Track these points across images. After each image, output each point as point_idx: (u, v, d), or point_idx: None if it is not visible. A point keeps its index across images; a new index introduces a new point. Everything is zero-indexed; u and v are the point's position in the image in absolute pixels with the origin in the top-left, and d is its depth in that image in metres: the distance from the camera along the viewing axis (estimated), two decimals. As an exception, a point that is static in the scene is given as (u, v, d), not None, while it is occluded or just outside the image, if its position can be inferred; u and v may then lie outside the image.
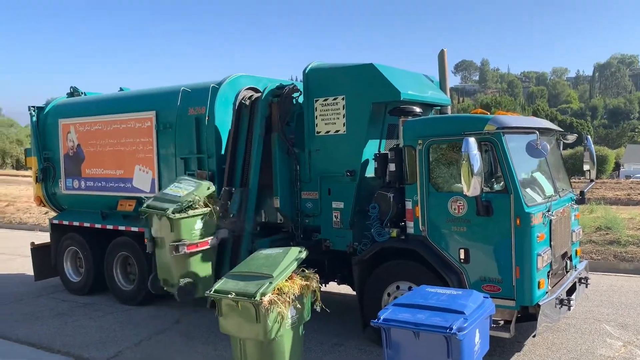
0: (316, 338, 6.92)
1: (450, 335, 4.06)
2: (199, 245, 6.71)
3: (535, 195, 5.94)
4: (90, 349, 6.86)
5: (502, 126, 5.70)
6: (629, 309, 7.87)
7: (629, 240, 11.23)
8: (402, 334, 4.34)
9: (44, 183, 9.83)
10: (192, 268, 6.73)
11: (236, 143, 7.47)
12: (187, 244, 6.59)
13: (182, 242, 6.56)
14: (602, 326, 7.11)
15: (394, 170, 6.36)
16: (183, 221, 6.59)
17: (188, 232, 6.63)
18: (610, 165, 59.16)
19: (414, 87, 6.90)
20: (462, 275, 5.87)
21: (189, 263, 6.72)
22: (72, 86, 10.24)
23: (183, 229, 6.60)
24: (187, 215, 6.63)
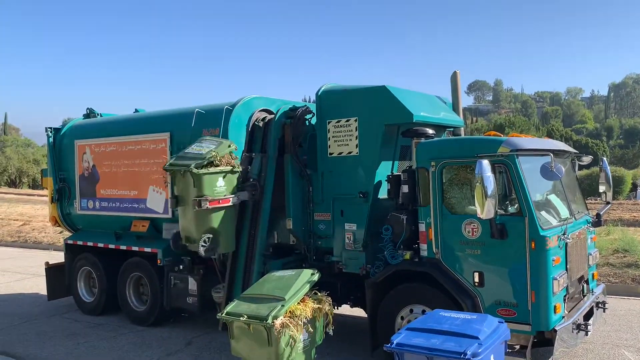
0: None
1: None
2: (221, 201, 6.75)
3: (551, 218, 5.87)
4: None
5: (516, 148, 5.67)
6: None
7: (647, 263, 11.02)
8: (416, 359, 4.27)
9: (60, 203, 9.92)
10: (213, 224, 6.77)
11: (249, 164, 7.49)
12: (210, 199, 6.62)
13: (204, 197, 6.59)
14: (621, 352, 6.95)
15: (407, 192, 6.33)
16: (206, 177, 6.65)
17: (210, 189, 6.68)
18: (627, 186, 58.39)
19: (427, 109, 6.90)
20: (477, 299, 5.79)
21: (211, 219, 6.75)
22: (88, 107, 10.40)
23: (206, 184, 6.65)
24: (209, 171, 6.69)
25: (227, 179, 6.92)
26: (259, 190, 7.28)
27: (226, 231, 7.00)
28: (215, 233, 6.83)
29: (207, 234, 6.75)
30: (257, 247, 7.27)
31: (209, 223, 6.78)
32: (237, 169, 7.06)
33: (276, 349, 4.93)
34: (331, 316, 5.54)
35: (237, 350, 5.28)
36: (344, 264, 6.97)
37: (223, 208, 6.85)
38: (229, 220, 7.02)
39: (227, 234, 7.01)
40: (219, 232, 6.87)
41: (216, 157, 6.81)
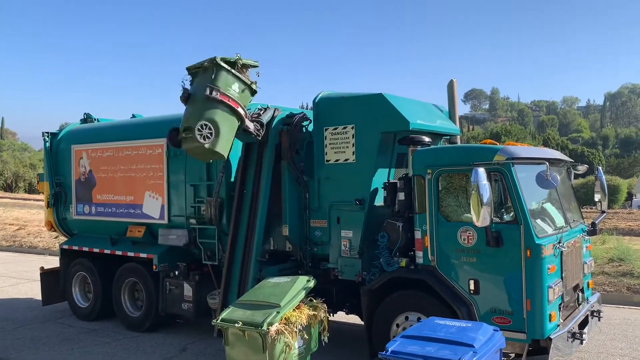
0: None
1: None
2: (230, 101, 6.57)
3: (546, 226, 5.89)
4: None
5: (512, 156, 5.70)
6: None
7: (643, 273, 11.04)
8: None
9: (55, 208, 9.90)
10: (217, 117, 6.51)
11: (246, 170, 7.50)
12: (222, 91, 6.50)
13: (217, 87, 6.50)
14: (616, 361, 6.96)
15: (403, 199, 6.34)
16: (224, 72, 6.58)
17: (225, 86, 6.56)
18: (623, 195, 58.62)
19: (423, 117, 6.93)
20: (472, 307, 5.79)
21: (216, 112, 6.50)
22: (85, 112, 10.40)
23: (222, 80, 6.54)
24: (230, 70, 6.63)
25: (242, 93, 6.79)
26: (264, 133, 7.18)
27: (226, 132, 6.65)
28: (215, 126, 6.54)
29: (206, 121, 6.50)
30: (252, 253, 7.26)
31: (212, 115, 6.53)
32: (254, 87, 6.93)
33: (271, 356, 4.93)
34: (326, 323, 5.54)
35: (231, 356, 5.26)
36: (339, 271, 6.97)
37: (230, 108, 6.62)
38: (231, 124, 6.72)
39: (226, 135, 6.66)
40: (219, 127, 6.55)
41: (239, 62, 6.75)
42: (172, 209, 8.35)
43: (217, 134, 6.53)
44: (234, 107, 6.63)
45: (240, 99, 6.75)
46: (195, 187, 8.05)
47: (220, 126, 6.56)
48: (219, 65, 6.58)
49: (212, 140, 6.51)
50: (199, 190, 8.04)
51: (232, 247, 7.42)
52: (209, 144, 6.50)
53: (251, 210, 7.40)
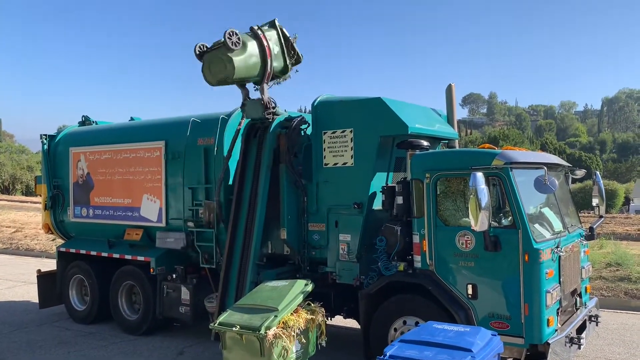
0: None
1: None
2: None
3: (544, 231, 5.89)
4: None
5: (510, 161, 5.70)
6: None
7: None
8: None
9: (53, 210, 9.88)
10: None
11: (244, 174, 7.49)
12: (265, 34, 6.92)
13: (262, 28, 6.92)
14: (614, 366, 6.96)
15: (402, 203, 6.34)
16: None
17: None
18: (620, 200, 58.82)
19: (422, 121, 6.94)
20: (470, 311, 5.79)
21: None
22: (83, 115, 10.40)
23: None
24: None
25: (276, 57, 7.24)
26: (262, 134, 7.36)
27: (247, 60, 7.00)
28: (244, 45, 6.93)
29: (238, 34, 6.82)
30: (250, 257, 7.25)
31: (246, 40, 6.91)
32: (289, 64, 7.42)
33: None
34: (324, 327, 5.53)
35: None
36: (337, 275, 6.95)
37: (262, 49, 7.04)
38: (254, 62, 7.08)
39: (246, 61, 7.00)
40: (246, 49, 6.94)
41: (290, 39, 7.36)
42: (170, 212, 8.33)
43: (241, 52, 6.63)
44: (266, 54, 6.77)
45: (274, 57, 6.92)
46: (193, 190, 8.04)
47: (248, 49, 6.72)
48: (273, 23, 6.96)
49: (235, 52, 6.65)
50: (197, 193, 8.02)
51: (229, 250, 7.40)
52: (230, 52, 6.64)
53: (249, 214, 7.39)
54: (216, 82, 7.18)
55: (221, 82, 7.16)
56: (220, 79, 7.09)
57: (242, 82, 7.30)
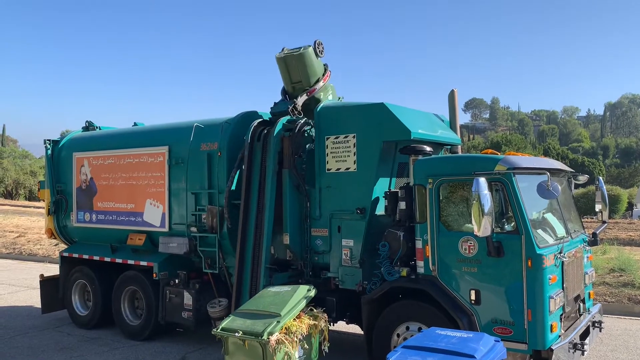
0: None
1: None
2: None
3: (547, 237, 5.88)
4: None
5: (513, 166, 5.70)
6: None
7: (644, 283, 11.01)
8: None
9: (56, 215, 9.91)
10: None
11: (250, 178, 7.49)
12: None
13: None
14: (618, 372, 6.92)
15: (404, 208, 6.34)
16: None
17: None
18: (623, 205, 58.51)
19: (425, 126, 6.95)
20: (473, 317, 5.77)
21: None
22: (87, 120, 10.42)
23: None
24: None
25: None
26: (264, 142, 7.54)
27: (316, 63, 7.80)
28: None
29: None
30: (262, 261, 7.26)
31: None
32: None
33: None
34: (327, 333, 5.52)
35: None
36: (340, 280, 6.95)
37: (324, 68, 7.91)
38: (319, 67, 7.83)
39: (314, 65, 7.73)
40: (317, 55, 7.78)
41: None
42: (172, 217, 8.35)
43: (320, 63, 7.68)
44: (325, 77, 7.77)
45: (325, 86, 7.74)
46: (196, 195, 8.05)
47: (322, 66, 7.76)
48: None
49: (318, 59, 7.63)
50: (200, 199, 8.04)
51: (241, 255, 7.41)
52: (316, 57, 7.62)
53: (258, 219, 7.38)
54: (294, 80, 7.67)
55: (296, 83, 7.65)
56: (297, 79, 7.64)
57: (305, 88, 7.68)
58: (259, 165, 7.45)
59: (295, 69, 7.52)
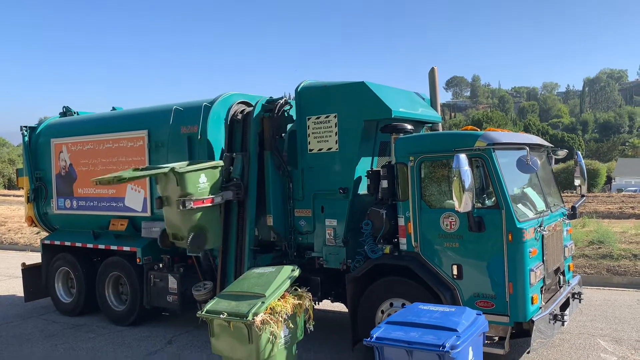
0: (310, 357, 6.86)
1: (444, 353, 4.05)
2: (205, 201, 6.73)
3: (527, 211, 5.96)
4: None
5: (493, 142, 5.74)
6: (622, 323, 7.87)
7: (622, 254, 11.27)
8: (395, 353, 4.32)
9: (36, 203, 9.77)
10: (200, 222, 6.78)
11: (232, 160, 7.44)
12: (194, 199, 6.61)
13: (188, 197, 6.57)
14: (597, 341, 7.10)
15: (387, 187, 6.37)
16: (188, 175, 6.59)
17: (194, 186, 6.65)
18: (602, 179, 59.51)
19: (405, 105, 6.95)
20: (456, 292, 5.86)
21: (197, 217, 6.76)
22: (64, 106, 10.24)
23: (188, 182, 6.62)
24: (191, 168, 6.65)
25: (209, 175, 6.91)
26: (243, 189, 7.27)
27: (213, 228, 7.06)
28: (202, 230, 6.84)
29: (193, 231, 6.74)
30: (246, 243, 7.26)
31: (195, 220, 6.79)
32: (218, 164, 7.04)
33: (257, 346, 4.93)
34: (312, 312, 5.55)
35: (217, 348, 5.26)
36: (324, 260, 6.99)
37: (208, 207, 6.85)
38: (214, 217, 7.09)
39: (214, 231, 7.07)
40: (206, 229, 6.90)
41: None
42: (154, 202, 8.26)
43: (205, 237, 7.02)
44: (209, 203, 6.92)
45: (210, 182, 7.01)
46: (177, 179, 7.98)
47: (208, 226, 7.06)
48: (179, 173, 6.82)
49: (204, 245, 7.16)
50: (182, 182, 7.96)
51: (225, 237, 7.40)
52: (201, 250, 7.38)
53: (240, 201, 7.36)
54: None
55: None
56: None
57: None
58: (240, 147, 7.40)
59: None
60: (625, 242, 12.07)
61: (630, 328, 7.63)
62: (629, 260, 11.05)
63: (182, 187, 6.64)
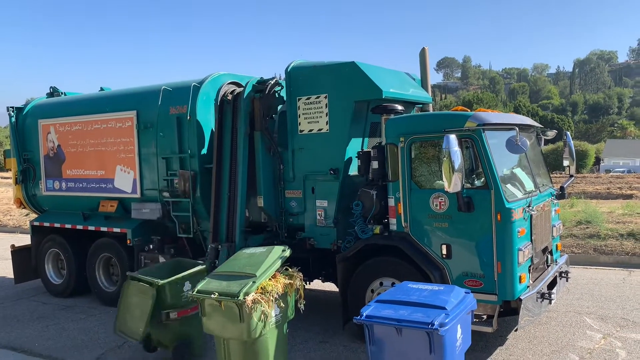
0: (301, 336, 6.94)
1: (432, 330, 4.10)
2: (190, 310, 6.11)
3: (516, 191, 6.00)
4: (72, 352, 6.80)
5: (482, 123, 5.75)
6: (608, 301, 8.00)
7: (609, 234, 11.42)
8: (385, 331, 4.36)
9: (24, 185, 9.70)
10: (185, 330, 6.24)
11: (221, 142, 7.41)
12: (178, 310, 6.09)
13: (171, 309, 6.04)
14: (583, 319, 7.22)
15: (377, 167, 6.38)
16: (168, 286, 6.05)
17: (176, 297, 6.12)
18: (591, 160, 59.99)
19: (396, 85, 6.93)
20: (445, 271, 5.91)
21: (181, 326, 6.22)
22: (51, 86, 10.12)
23: (169, 294, 6.06)
24: (172, 279, 6.09)
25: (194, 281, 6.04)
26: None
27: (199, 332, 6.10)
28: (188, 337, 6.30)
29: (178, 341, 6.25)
30: (237, 225, 7.26)
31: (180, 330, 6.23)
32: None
33: (248, 325, 4.96)
34: (302, 291, 5.58)
35: (208, 327, 5.29)
36: (315, 240, 7.02)
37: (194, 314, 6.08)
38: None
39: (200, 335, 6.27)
40: (192, 335, 6.31)
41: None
42: (144, 183, 8.25)
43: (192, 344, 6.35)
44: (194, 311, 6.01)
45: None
46: (167, 159, 7.95)
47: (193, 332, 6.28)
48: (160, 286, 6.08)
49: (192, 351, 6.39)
50: (171, 163, 7.94)
51: (215, 219, 7.40)
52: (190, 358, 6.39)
53: (231, 183, 7.34)
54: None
55: None
56: None
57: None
58: (230, 127, 7.36)
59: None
60: (613, 222, 12.22)
61: (616, 306, 7.76)
62: (616, 240, 11.21)
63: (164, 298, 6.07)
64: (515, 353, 6.20)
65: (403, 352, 4.31)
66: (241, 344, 5.16)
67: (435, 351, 4.14)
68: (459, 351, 4.42)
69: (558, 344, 6.39)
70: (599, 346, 6.31)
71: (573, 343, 6.41)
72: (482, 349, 6.27)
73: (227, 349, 5.26)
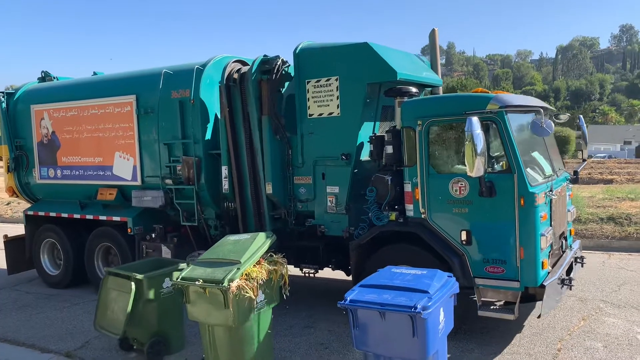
0: (286, 322, 6.88)
1: (415, 314, 4.06)
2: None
3: (537, 175, 5.86)
4: (56, 341, 6.64)
5: (505, 105, 5.59)
6: (588, 284, 8.01)
7: (589, 218, 11.44)
8: (369, 315, 4.31)
9: (17, 173, 9.38)
10: (161, 327, 6.01)
11: (234, 126, 7.14)
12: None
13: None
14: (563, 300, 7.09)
15: (392, 152, 6.19)
16: (147, 280, 5.81)
17: (156, 293, 5.90)
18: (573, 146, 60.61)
19: (409, 67, 6.74)
20: (464, 257, 5.77)
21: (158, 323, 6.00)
22: (43, 70, 9.74)
23: (148, 289, 5.83)
24: (151, 273, 5.88)
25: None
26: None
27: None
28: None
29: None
30: (265, 211, 7.11)
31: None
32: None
33: (233, 311, 4.89)
34: (287, 278, 5.48)
35: (193, 314, 5.20)
36: (326, 227, 6.85)
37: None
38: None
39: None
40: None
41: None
42: (145, 170, 7.98)
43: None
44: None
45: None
46: (169, 145, 7.69)
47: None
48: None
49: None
50: (174, 149, 7.68)
51: (242, 209, 7.24)
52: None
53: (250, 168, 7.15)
54: None
55: None
56: None
57: None
58: (240, 110, 7.09)
59: None
60: (593, 207, 12.26)
61: (595, 288, 7.78)
62: (596, 224, 11.20)
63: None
64: (496, 336, 6.14)
65: (386, 336, 4.26)
66: (226, 330, 5.08)
67: (418, 334, 4.10)
68: (441, 334, 4.39)
69: (538, 327, 6.35)
70: (578, 328, 6.31)
71: (553, 325, 6.39)
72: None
73: (212, 336, 5.19)
